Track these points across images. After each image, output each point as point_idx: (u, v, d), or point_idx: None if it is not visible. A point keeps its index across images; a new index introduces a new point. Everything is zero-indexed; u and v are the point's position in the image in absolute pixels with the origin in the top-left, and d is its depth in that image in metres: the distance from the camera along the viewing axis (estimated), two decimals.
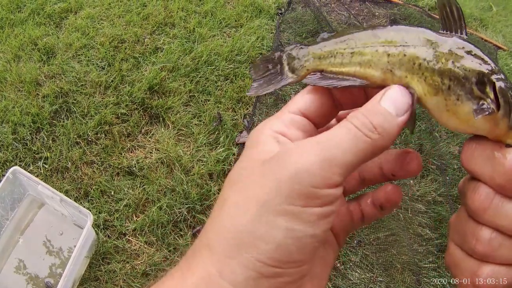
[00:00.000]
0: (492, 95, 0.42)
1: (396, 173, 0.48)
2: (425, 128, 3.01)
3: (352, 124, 0.40)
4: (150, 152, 2.36)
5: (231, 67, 2.80)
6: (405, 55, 0.45)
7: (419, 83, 0.45)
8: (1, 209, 2.03)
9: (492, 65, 0.44)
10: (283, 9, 3.41)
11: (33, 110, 2.40)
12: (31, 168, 2.25)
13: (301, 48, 0.52)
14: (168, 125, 2.48)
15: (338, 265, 2.19)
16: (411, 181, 2.60)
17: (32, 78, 2.54)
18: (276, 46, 3.04)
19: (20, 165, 2.21)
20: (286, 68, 0.52)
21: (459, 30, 0.46)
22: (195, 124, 2.51)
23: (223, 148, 2.40)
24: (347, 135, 0.40)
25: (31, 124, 2.36)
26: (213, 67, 2.78)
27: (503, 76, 0.43)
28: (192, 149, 2.40)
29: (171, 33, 2.94)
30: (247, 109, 2.65)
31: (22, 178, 2.01)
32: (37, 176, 2.14)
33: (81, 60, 2.69)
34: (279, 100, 2.71)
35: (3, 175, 2.04)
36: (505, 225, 0.40)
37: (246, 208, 0.38)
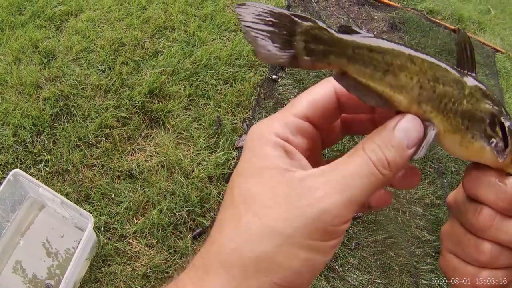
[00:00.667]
0: (500, 134, 0.46)
1: (395, 185, 0.50)
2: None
3: (370, 160, 0.41)
4: (150, 156, 2.41)
5: (230, 71, 2.85)
6: (434, 91, 0.45)
7: (441, 122, 0.46)
8: (1, 211, 2.07)
9: (500, 105, 0.47)
10: None
11: (33, 112, 2.44)
12: (32, 170, 2.29)
13: (328, 32, 0.45)
14: (168, 128, 2.53)
15: (336, 267, 2.23)
16: None
17: (32, 80, 2.58)
18: None
19: (20, 168, 2.25)
20: (301, 45, 0.45)
21: (471, 69, 0.48)
22: (195, 128, 2.55)
23: (222, 152, 2.45)
24: (364, 171, 0.41)
25: (32, 126, 2.40)
26: (213, 71, 2.82)
27: (508, 116, 0.46)
28: (192, 152, 2.44)
29: (171, 36, 2.98)
30: (247, 113, 2.69)
31: (23, 180, 2.05)
32: (37, 179, 2.18)
33: (82, 63, 2.73)
34: (278, 104, 2.76)
35: (4, 178, 2.08)
36: (506, 240, 0.45)
37: (268, 238, 0.39)
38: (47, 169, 2.30)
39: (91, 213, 1.94)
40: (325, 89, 0.47)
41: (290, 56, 0.45)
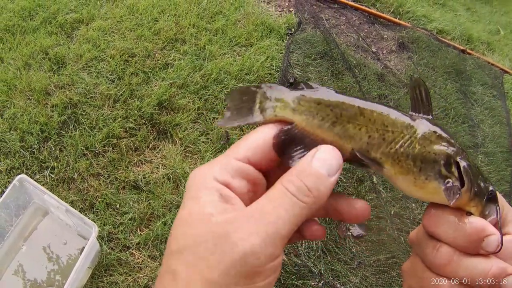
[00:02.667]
0: (456, 174, 0.51)
1: (345, 218, 0.52)
2: None
3: (287, 191, 0.44)
4: (157, 167, 2.47)
5: (240, 86, 2.91)
6: (384, 139, 0.50)
7: (392, 165, 0.50)
8: (5, 216, 2.13)
9: (456, 145, 0.52)
10: (293, 30, 3.53)
11: (41, 119, 2.51)
12: (38, 176, 2.35)
13: (278, 90, 0.52)
14: (176, 141, 2.60)
15: (338, 285, 2.29)
16: (413, 204, 2.70)
17: (41, 87, 2.65)
18: (285, 67, 3.16)
19: (26, 173, 2.31)
20: (257, 106, 0.52)
21: (427, 112, 0.54)
22: (203, 142, 2.63)
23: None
24: (284, 203, 0.43)
25: (39, 133, 2.47)
26: (222, 85, 2.91)
27: (465, 155, 0.51)
28: (199, 166, 2.50)
29: (181, 49, 3.07)
30: (254, 128, 2.75)
31: (29, 186, 2.10)
32: (43, 185, 2.24)
33: (91, 72, 2.81)
34: None
35: (9, 182, 2.14)
36: (465, 276, 0.48)
37: (195, 286, 0.41)
38: (52, 176, 2.36)
39: (95, 222, 2.00)
40: (265, 132, 0.49)
41: (250, 119, 0.53)
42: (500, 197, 0.54)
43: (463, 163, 0.51)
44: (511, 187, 3.19)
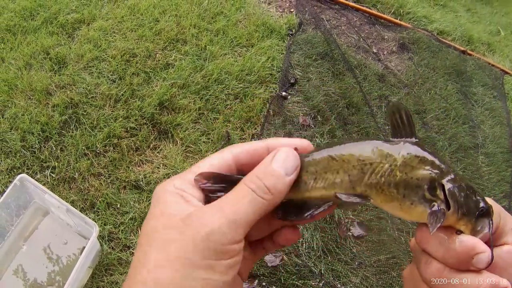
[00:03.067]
0: (442, 196, 0.51)
1: (276, 241, 0.58)
2: None
3: (249, 188, 0.49)
4: (158, 167, 2.48)
5: (241, 87, 2.94)
6: (363, 173, 0.53)
7: (377, 195, 0.53)
8: (6, 215, 2.13)
9: (442, 166, 0.53)
10: (293, 30, 3.54)
11: (42, 119, 2.52)
12: (38, 176, 2.36)
13: None
14: (177, 141, 2.60)
15: (339, 285, 2.30)
16: None
17: (42, 87, 2.66)
18: (286, 67, 3.17)
19: (27, 173, 2.32)
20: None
21: (410, 135, 0.55)
22: (203, 142, 2.63)
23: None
24: (246, 197, 0.49)
25: (40, 132, 2.48)
26: (223, 85, 2.91)
27: (451, 176, 0.52)
28: None
29: (182, 49, 3.08)
30: (256, 129, 2.77)
31: (29, 185, 2.11)
32: (44, 185, 2.24)
33: (92, 72, 2.81)
34: (287, 121, 2.84)
35: (10, 182, 2.15)
36: None
37: (168, 266, 0.45)
38: (53, 175, 2.37)
39: (95, 222, 2.00)
40: (224, 155, 0.55)
41: None
42: (497, 207, 0.55)
43: (448, 186, 0.52)
44: (511, 188, 3.19)
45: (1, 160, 2.37)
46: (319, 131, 2.88)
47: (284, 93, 3.02)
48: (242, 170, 0.55)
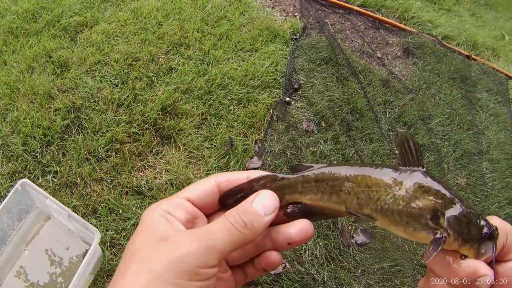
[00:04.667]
0: (445, 224, 0.55)
1: (266, 267, 0.62)
2: (433, 160, 3.12)
3: (228, 221, 0.54)
4: (160, 173, 2.48)
5: (244, 92, 2.93)
6: (370, 198, 0.58)
7: (382, 218, 0.58)
8: (8, 220, 2.13)
9: (446, 195, 0.56)
10: (298, 35, 3.54)
11: (44, 123, 2.51)
12: (40, 181, 2.35)
13: (280, 179, 0.62)
14: (179, 146, 2.60)
15: None
16: None
17: (45, 90, 2.66)
18: (289, 72, 3.17)
19: (29, 177, 2.32)
20: None
21: (417, 164, 0.59)
22: (206, 147, 2.63)
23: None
24: (224, 229, 0.54)
25: (42, 136, 2.48)
26: (227, 90, 2.91)
27: (455, 205, 0.56)
28: (202, 172, 2.51)
29: (185, 54, 3.07)
30: (259, 134, 2.77)
31: (31, 190, 2.11)
32: (45, 190, 2.25)
33: (95, 76, 2.81)
34: (290, 127, 2.83)
35: (12, 186, 2.14)
36: None
37: (144, 278, 0.49)
38: (55, 180, 2.36)
39: (97, 228, 2.01)
40: (208, 181, 0.61)
41: None
42: (504, 226, 0.58)
43: (448, 215, 0.55)
44: None
45: (3, 164, 2.37)
46: (323, 137, 2.87)
47: (287, 99, 3.02)
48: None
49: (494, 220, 0.58)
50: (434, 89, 3.67)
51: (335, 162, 2.79)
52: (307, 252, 2.38)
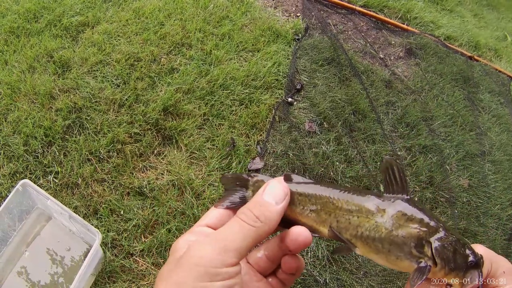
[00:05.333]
0: (429, 253, 0.55)
1: (283, 270, 0.65)
2: (436, 161, 3.11)
3: (239, 218, 0.57)
4: (162, 174, 2.47)
5: (246, 92, 2.93)
6: (350, 223, 0.58)
7: (363, 246, 0.58)
8: (8, 220, 2.13)
9: (431, 224, 0.56)
10: (300, 35, 3.53)
11: (45, 123, 2.50)
12: (41, 181, 2.34)
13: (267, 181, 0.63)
14: (181, 147, 2.59)
15: None
16: None
17: (46, 90, 2.65)
18: (292, 73, 3.16)
19: (30, 178, 2.31)
20: (250, 194, 0.65)
21: (401, 191, 0.59)
22: (208, 148, 2.62)
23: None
24: (236, 227, 0.56)
25: (43, 137, 2.47)
26: (229, 91, 2.90)
27: (440, 234, 0.56)
28: (204, 173, 2.50)
29: (187, 54, 3.07)
30: (261, 135, 2.76)
31: (32, 191, 2.10)
32: (46, 190, 2.25)
33: (96, 76, 2.80)
34: (293, 128, 2.82)
35: (13, 187, 2.14)
36: None
37: None
38: (56, 181, 2.35)
39: (98, 229, 2.00)
40: (217, 210, 0.64)
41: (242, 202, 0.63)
42: (488, 253, 0.60)
43: (435, 244, 0.55)
44: None
45: (4, 165, 2.36)
46: (325, 137, 2.87)
47: (290, 99, 3.01)
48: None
49: (479, 248, 0.59)
50: (436, 90, 3.67)
51: (340, 171, 2.78)
52: (309, 253, 2.37)
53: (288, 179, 0.64)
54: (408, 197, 0.59)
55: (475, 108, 3.76)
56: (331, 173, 2.72)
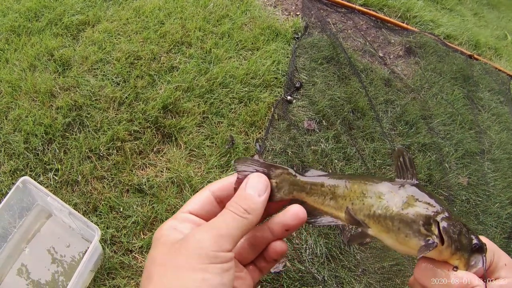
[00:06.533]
0: (436, 232, 0.58)
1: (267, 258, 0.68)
2: (435, 159, 3.11)
3: (230, 210, 0.60)
4: (161, 171, 2.48)
5: (245, 90, 2.94)
6: (364, 204, 0.63)
7: (375, 225, 0.62)
8: (9, 217, 2.14)
9: (438, 206, 0.61)
10: (299, 34, 3.54)
11: (46, 121, 2.52)
12: (41, 178, 2.36)
13: (294, 176, 0.67)
14: (180, 145, 2.60)
15: None
16: None
17: (46, 88, 2.66)
18: (291, 71, 3.17)
19: (30, 175, 2.32)
20: (274, 184, 0.67)
21: (411, 177, 0.64)
22: (207, 146, 2.63)
23: (234, 171, 2.50)
24: (229, 217, 0.59)
25: (44, 135, 2.48)
26: (228, 89, 2.91)
27: (446, 215, 0.60)
28: (203, 170, 2.51)
29: (187, 52, 3.08)
30: (260, 133, 2.77)
31: (32, 188, 2.11)
32: (46, 187, 2.26)
33: (97, 74, 2.82)
34: (292, 126, 2.83)
35: (13, 184, 2.15)
36: None
37: (171, 274, 0.54)
38: (56, 178, 2.37)
39: (98, 225, 2.01)
40: (203, 192, 0.67)
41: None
42: (491, 245, 0.63)
43: (443, 223, 0.59)
44: None
45: (4, 162, 2.37)
46: (324, 135, 2.87)
47: (289, 97, 3.02)
48: (222, 203, 0.66)
49: (482, 239, 0.62)
50: (436, 88, 3.67)
51: (339, 169, 2.79)
52: (307, 250, 2.38)
53: (304, 172, 0.68)
54: (417, 182, 0.64)
55: (474, 106, 3.76)
56: (330, 171, 2.72)
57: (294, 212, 0.64)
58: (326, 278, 2.32)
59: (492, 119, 3.73)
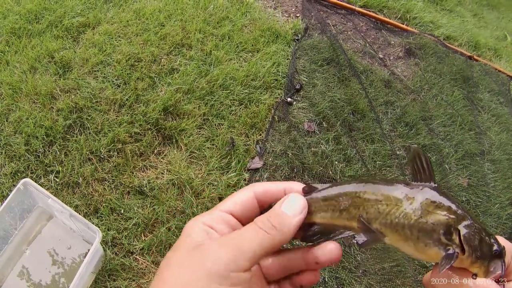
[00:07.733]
0: (457, 241, 0.55)
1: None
2: (435, 160, 3.12)
3: (256, 225, 0.57)
4: (162, 173, 2.48)
5: (246, 92, 2.94)
6: (379, 212, 0.58)
7: (392, 234, 0.58)
8: (10, 219, 2.14)
9: (458, 211, 0.57)
10: (299, 36, 3.54)
11: (46, 123, 2.52)
12: (42, 180, 2.36)
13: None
14: (181, 147, 2.61)
15: None
16: None
17: (47, 91, 2.67)
18: (291, 73, 3.17)
19: (31, 177, 2.33)
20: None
21: (429, 180, 0.60)
22: (208, 148, 2.64)
23: (234, 173, 2.52)
24: (253, 232, 0.56)
25: (44, 136, 2.49)
26: (228, 91, 2.92)
27: (467, 221, 0.56)
28: (204, 172, 2.52)
29: (187, 54, 3.08)
30: (260, 135, 2.77)
31: (33, 190, 2.11)
32: (47, 189, 2.27)
33: (97, 77, 2.82)
34: (292, 127, 2.84)
35: (14, 186, 2.15)
36: None
37: (177, 285, 0.51)
38: (57, 180, 2.37)
39: (99, 227, 2.01)
40: (246, 192, 0.62)
41: None
42: (509, 246, 0.59)
43: (463, 231, 0.56)
44: None
45: (5, 164, 2.38)
46: (324, 137, 2.88)
47: (289, 99, 3.03)
48: (262, 207, 0.63)
49: (500, 240, 0.59)
50: (436, 89, 3.67)
51: (339, 170, 2.80)
52: None
53: (306, 192, 0.63)
54: (436, 185, 0.59)
55: (474, 107, 3.77)
56: (330, 172, 2.73)
57: (328, 250, 0.60)
58: (326, 280, 2.32)
59: (492, 120, 3.74)
